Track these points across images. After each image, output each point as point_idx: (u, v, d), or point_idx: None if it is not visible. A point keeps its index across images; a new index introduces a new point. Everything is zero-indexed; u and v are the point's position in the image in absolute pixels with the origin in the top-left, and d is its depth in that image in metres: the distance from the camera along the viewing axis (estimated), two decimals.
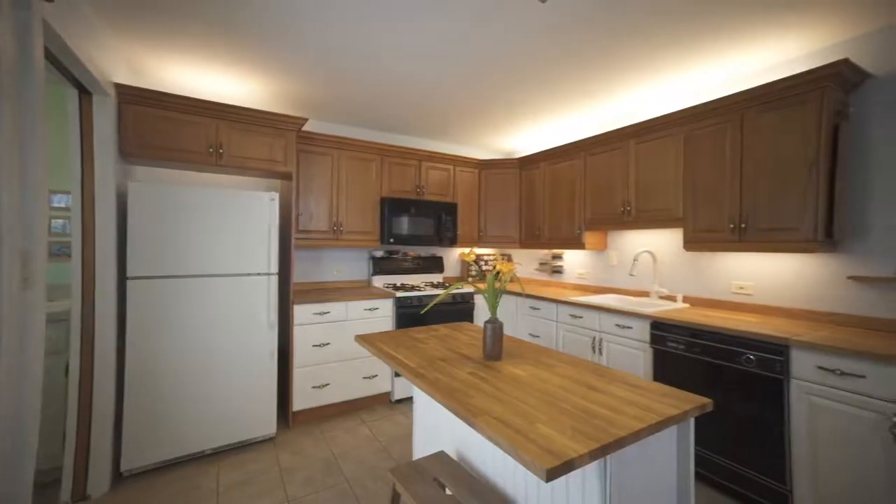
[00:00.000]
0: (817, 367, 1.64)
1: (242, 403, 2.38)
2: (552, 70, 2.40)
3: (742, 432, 1.88)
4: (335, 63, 2.34)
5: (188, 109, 2.34)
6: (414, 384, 1.24)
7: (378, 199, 3.36)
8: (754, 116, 2.09)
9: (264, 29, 1.98)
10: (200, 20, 1.91)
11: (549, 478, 0.73)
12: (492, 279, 1.39)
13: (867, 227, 1.95)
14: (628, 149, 2.76)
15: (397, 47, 2.14)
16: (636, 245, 3.04)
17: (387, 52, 2.20)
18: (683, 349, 2.12)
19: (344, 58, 2.27)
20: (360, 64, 2.35)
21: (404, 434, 2.58)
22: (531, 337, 3.21)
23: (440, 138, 3.98)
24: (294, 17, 1.87)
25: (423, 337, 1.75)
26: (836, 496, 1.59)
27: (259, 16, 1.87)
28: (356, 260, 3.61)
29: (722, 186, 2.23)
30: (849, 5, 1.74)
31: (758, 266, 2.34)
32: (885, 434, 1.47)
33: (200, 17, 1.89)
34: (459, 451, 1.50)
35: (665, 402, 1.05)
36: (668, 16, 1.83)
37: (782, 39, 2.03)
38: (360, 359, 2.93)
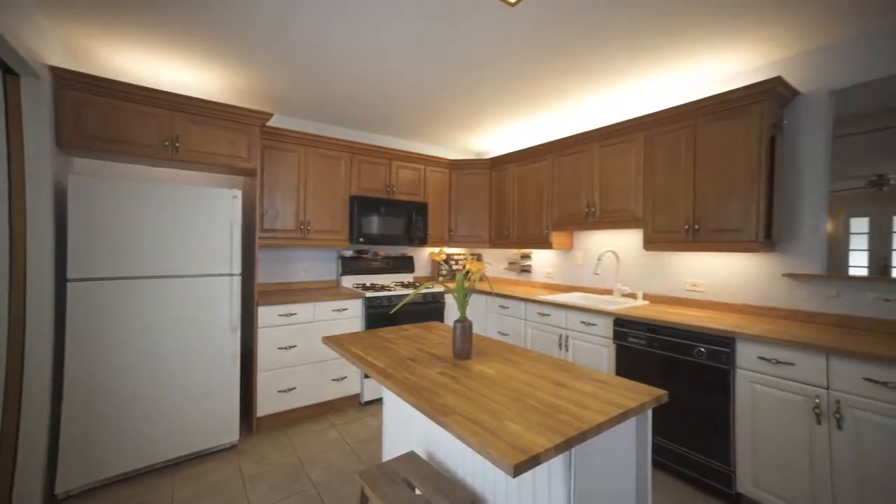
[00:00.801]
0: (758, 358, 1.78)
1: (202, 411, 2.25)
2: (521, 72, 2.44)
3: (693, 420, 2.00)
4: (303, 59, 2.27)
5: (140, 99, 2.18)
6: (383, 385, 1.22)
7: (347, 198, 3.29)
8: (706, 125, 2.23)
9: (227, 20, 1.89)
10: (155, 8, 1.79)
11: (515, 473, 0.75)
12: (461, 279, 1.40)
13: (799, 230, 2.14)
14: (593, 152, 2.86)
15: (369, 45, 2.11)
16: (600, 245, 3.16)
17: (358, 50, 2.16)
18: (643, 344, 2.22)
19: (312, 53, 2.21)
20: (329, 60, 2.29)
21: (374, 436, 2.55)
22: (501, 335, 3.26)
23: (411, 137, 3.96)
24: (258, 9, 1.79)
25: (393, 337, 1.73)
26: (771, 472, 1.72)
27: (221, 7, 1.78)
28: (324, 260, 3.52)
29: (678, 190, 2.36)
30: (786, 25, 1.89)
31: (709, 265, 2.50)
32: (810, 414, 1.62)
33: (154, 5, 1.77)
34: (429, 451, 1.50)
35: (625, 395, 1.10)
36: (631, 26, 1.91)
37: (735, 52, 2.17)
38: (328, 361, 2.86)
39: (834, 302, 2.01)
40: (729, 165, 2.13)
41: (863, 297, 1.92)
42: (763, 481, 1.76)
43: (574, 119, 3.30)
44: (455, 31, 1.98)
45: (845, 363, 1.55)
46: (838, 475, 1.56)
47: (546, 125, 3.48)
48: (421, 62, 2.32)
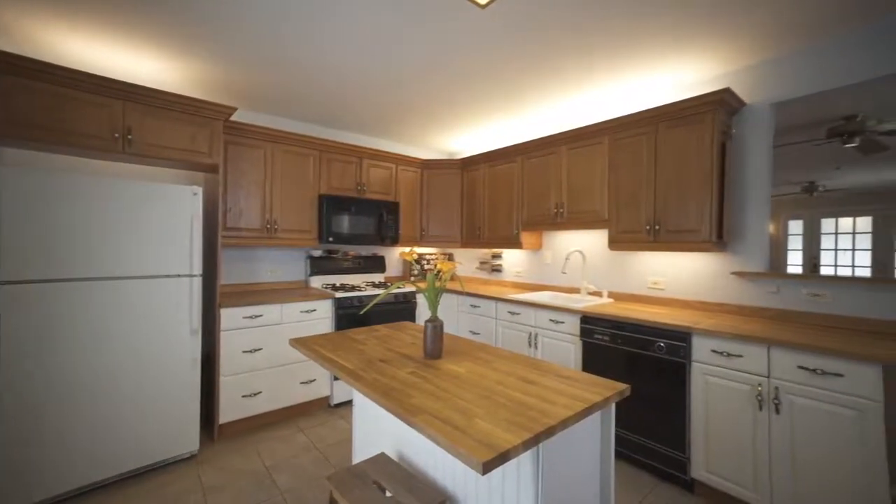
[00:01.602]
0: (711, 351, 1.90)
1: (158, 419, 2.13)
2: (491, 74, 2.48)
3: (653, 411, 2.11)
4: (270, 52, 2.19)
5: (86, 87, 2.03)
6: (352, 387, 1.21)
7: (316, 197, 3.21)
8: (665, 131, 2.35)
9: (190, 10, 1.79)
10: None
11: (485, 470, 0.76)
12: (432, 278, 1.40)
13: (745, 231, 2.30)
14: (561, 154, 2.94)
15: (340, 40, 2.07)
16: (568, 245, 3.26)
17: (328, 45, 2.11)
18: (608, 340, 2.32)
19: (279, 46, 2.13)
20: (297, 55, 2.22)
21: (344, 439, 2.51)
22: (472, 334, 3.29)
23: (383, 136, 3.91)
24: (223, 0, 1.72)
25: (363, 338, 1.71)
26: (721, 457, 1.85)
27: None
28: (292, 260, 3.41)
29: (640, 192, 2.47)
30: (732, 40, 2.03)
31: (668, 264, 2.64)
32: (753, 401, 1.76)
33: None
34: (400, 452, 1.49)
35: (591, 390, 1.14)
36: (596, 34, 1.98)
37: (691, 62, 2.30)
38: (296, 363, 2.78)
39: (774, 297, 2.18)
40: (685, 170, 2.26)
41: (798, 292, 2.10)
42: (714, 466, 1.88)
43: (544, 121, 3.39)
44: (426, 31, 1.98)
45: (783, 353, 1.68)
46: (775, 454, 1.70)
47: (516, 127, 3.55)
48: (392, 61, 2.30)
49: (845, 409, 1.54)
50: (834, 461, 1.56)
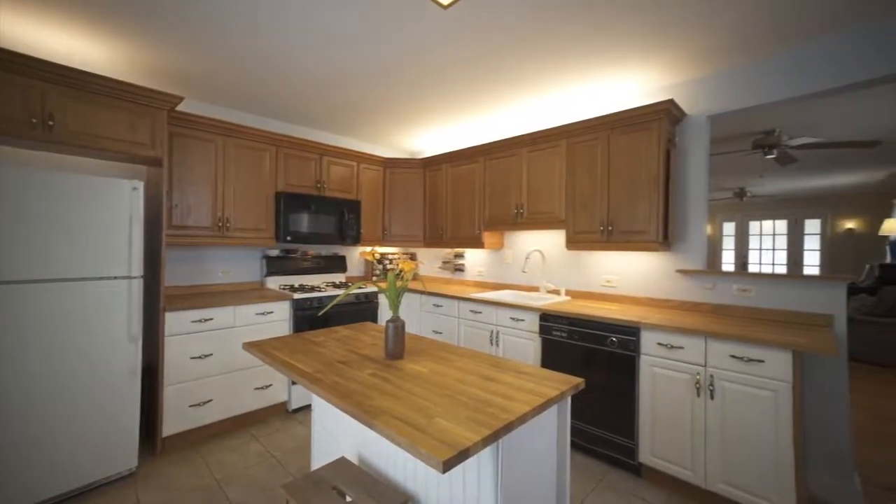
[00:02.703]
0: (657, 344, 2.04)
1: (92, 436, 1.94)
2: (454, 74, 2.50)
3: (605, 402, 2.23)
4: (223, 40, 2.07)
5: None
6: (311, 391, 1.17)
7: (273, 194, 3.08)
8: (617, 136, 2.49)
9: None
10: None
11: (445, 469, 0.77)
12: (393, 278, 1.40)
13: (687, 232, 2.50)
14: (521, 156, 3.03)
15: (299, 35, 1.99)
16: (528, 244, 3.37)
17: (288, 39, 2.03)
18: (565, 337, 2.42)
19: (233, 35, 2.02)
20: (252, 46, 2.11)
21: (303, 445, 2.43)
22: (434, 333, 3.31)
23: (344, 133, 3.82)
24: None
25: (323, 340, 1.67)
26: (664, 441, 2.00)
27: None
28: (247, 260, 3.25)
29: (594, 194, 2.60)
30: (673, 56, 2.19)
31: (620, 263, 2.80)
32: (692, 388, 1.92)
33: None
34: (361, 455, 1.47)
35: (548, 385, 1.19)
36: (553, 41, 2.06)
37: (642, 73, 2.46)
38: (251, 368, 2.65)
39: (711, 293, 2.38)
40: (635, 174, 2.41)
41: (729, 288, 2.31)
42: (658, 450, 2.03)
43: (506, 122, 3.46)
44: (387, 29, 1.96)
45: (717, 344, 1.85)
46: (709, 435, 1.86)
47: (479, 127, 3.60)
48: (352, 57, 2.25)
49: (765, 391, 1.72)
50: (755, 436, 1.74)
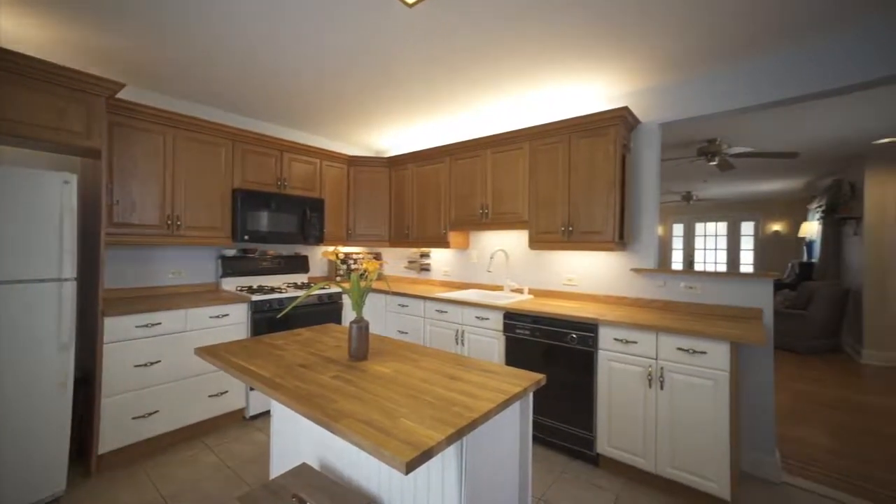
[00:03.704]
0: (614, 339, 2.15)
1: (13, 458, 1.75)
2: (419, 73, 2.49)
3: (566, 397, 2.32)
4: (178, 27, 1.93)
5: None
6: (270, 397, 1.13)
7: (229, 191, 2.93)
8: (577, 140, 2.59)
9: None
10: None
11: (408, 470, 0.77)
12: (356, 278, 1.37)
13: (640, 233, 2.65)
14: (486, 157, 3.08)
15: (259, 25, 1.90)
16: (493, 244, 3.43)
17: (246, 27, 1.93)
18: (528, 334, 2.49)
19: (190, 23, 1.90)
20: (209, 34, 1.99)
21: (261, 453, 2.32)
22: (400, 334, 3.28)
23: (307, 129, 3.70)
24: None
25: (283, 343, 1.61)
26: (619, 431, 2.11)
27: None
28: (201, 260, 3.06)
29: (556, 195, 2.69)
30: (629, 66, 2.32)
31: (580, 262, 2.92)
32: (645, 380, 2.04)
33: None
34: (323, 460, 1.44)
35: (511, 382, 1.22)
36: (517, 45, 2.11)
37: (600, 80, 2.57)
38: (204, 375, 2.50)
39: (661, 290, 2.54)
40: (594, 177, 2.52)
41: (678, 285, 2.48)
42: (614, 440, 2.14)
43: (472, 123, 3.50)
44: (352, 24, 1.93)
45: (667, 338, 1.98)
46: (659, 424, 1.99)
47: (445, 127, 3.62)
48: (317, 51, 2.19)
49: (707, 380, 1.86)
50: (698, 422, 1.88)
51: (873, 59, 1.92)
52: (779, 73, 2.17)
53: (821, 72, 2.05)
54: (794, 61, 2.12)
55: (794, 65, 2.13)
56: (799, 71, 2.11)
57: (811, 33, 1.95)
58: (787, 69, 2.15)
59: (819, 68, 2.06)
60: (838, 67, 2.01)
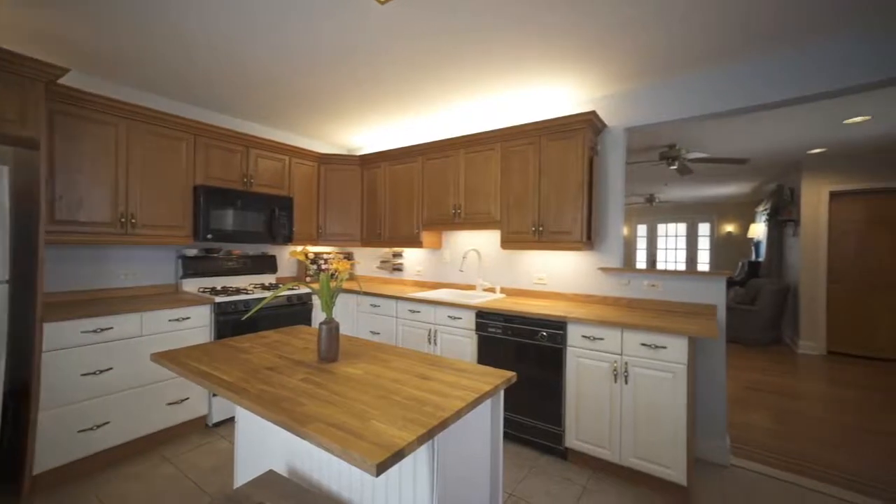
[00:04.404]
0: (582, 336, 2.22)
1: None
2: (391, 71, 2.47)
3: (536, 393, 2.37)
4: (127, 9, 1.81)
5: None
6: (234, 402, 1.08)
7: (191, 188, 2.78)
8: (547, 143, 2.66)
9: None
10: None
11: (378, 472, 0.76)
12: (325, 279, 1.34)
13: (607, 233, 2.75)
14: (459, 157, 3.09)
15: (224, 11, 1.82)
16: (465, 244, 3.45)
17: (210, 15, 1.84)
18: (500, 333, 2.52)
19: (143, 5, 1.78)
20: (165, 20, 1.88)
21: (225, 462, 2.23)
22: (372, 334, 3.24)
23: (275, 125, 3.58)
24: None
25: (248, 346, 1.55)
26: (587, 425, 2.18)
27: None
28: (159, 260, 2.89)
29: (527, 196, 2.75)
30: (595, 72, 2.40)
31: (550, 262, 2.99)
32: (610, 375, 2.12)
33: None
34: (291, 466, 1.40)
35: (482, 380, 1.23)
36: (489, 45, 2.14)
37: (568, 84, 2.64)
38: (162, 382, 2.36)
39: (627, 288, 2.65)
40: (563, 179, 2.59)
41: (642, 284, 2.59)
42: (582, 434, 2.21)
43: (445, 123, 3.51)
44: (322, 17, 1.88)
45: (631, 334, 2.07)
46: (624, 417, 2.07)
47: (419, 126, 3.60)
48: (286, 43, 2.12)
49: (667, 374, 1.96)
50: (659, 414, 1.98)
51: (812, 77, 2.09)
52: (729, 85, 2.32)
53: (765, 86, 2.21)
54: (742, 75, 2.28)
55: (742, 78, 2.28)
56: (747, 84, 2.27)
57: (759, 50, 2.09)
58: (736, 82, 2.30)
59: (764, 83, 2.21)
60: (781, 83, 2.18)
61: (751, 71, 2.25)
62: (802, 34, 1.96)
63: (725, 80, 2.33)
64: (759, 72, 2.23)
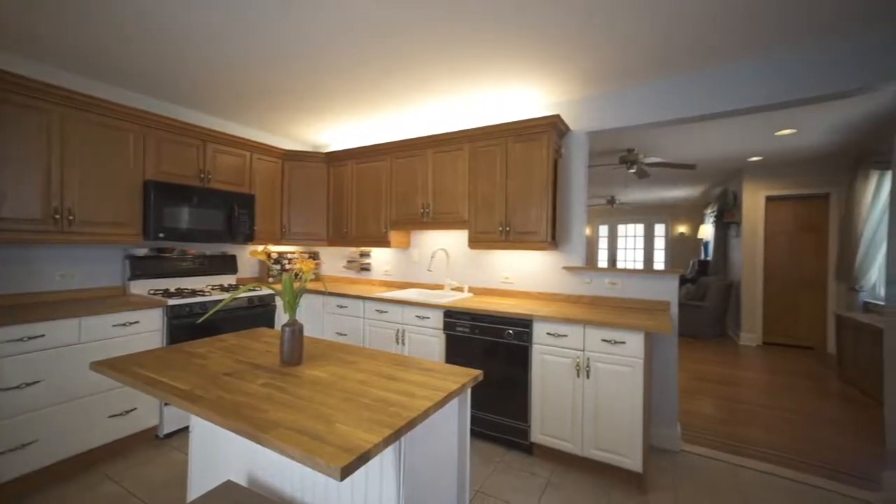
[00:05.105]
0: (547, 333, 2.29)
1: None
2: (354, 67, 2.42)
3: (502, 390, 2.41)
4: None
5: None
6: (188, 411, 1.02)
7: (140, 183, 2.59)
8: (513, 144, 2.71)
9: None
10: None
11: (343, 476, 0.74)
12: (288, 279, 1.30)
13: (570, 233, 2.85)
14: (427, 157, 3.09)
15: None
16: (434, 243, 3.45)
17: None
18: (468, 332, 2.54)
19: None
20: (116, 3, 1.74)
21: (178, 475, 2.09)
22: (338, 336, 3.17)
23: (236, 119, 3.41)
24: None
25: (205, 351, 1.46)
26: (551, 420, 2.25)
27: None
28: (102, 261, 2.67)
29: (494, 197, 2.79)
30: (558, 78, 2.48)
31: (517, 261, 3.05)
32: (573, 370, 2.20)
33: None
34: (252, 474, 1.34)
35: (450, 379, 1.23)
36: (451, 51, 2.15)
37: (535, 88, 2.71)
38: (104, 393, 2.19)
39: (589, 286, 2.76)
40: (529, 180, 2.65)
41: (603, 282, 2.71)
42: (547, 428, 2.28)
43: (414, 122, 3.48)
44: (282, 7, 1.81)
45: (593, 330, 2.15)
46: (586, 409, 2.16)
47: (387, 125, 3.56)
48: (245, 31, 2.02)
49: (625, 367, 2.06)
50: (617, 406, 2.07)
51: (747, 92, 2.27)
52: (678, 95, 2.47)
53: (708, 97, 2.38)
54: (690, 86, 2.43)
55: (690, 89, 2.43)
56: (693, 95, 2.42)
57: (702, 64, 2.25)
58: (684, 93, 2.45)
59: (708, 94, 2.38)
60: (721, 95, 2.35)
61: (696, 83, 2.41)
62: (738, 52, 2.13)
63: (676, 90, 2.48)
64: (704, 84, 2.39)
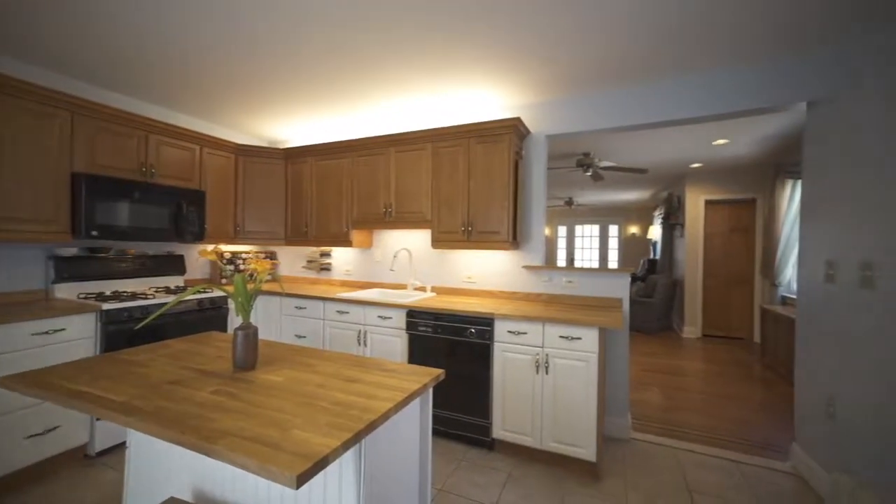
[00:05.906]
0: (507, 331, 2.34)
1: None
2: (320, 63, 2.35)
3: (465, 389, 2.44)
4: None
5: None
6: (123, 425, 0.94)
7: (67, 176, 2.35)
8: (475, 145, 2.74)
9: None
10: None
11: (299, 484, 0.72)
12: (240, 280, 1.23)
13: (531, 233, 2.94)
14: (389, 156, 3.05)
15: None
16: (397, 243, 3.42)
17: None
18: (431, 331, 2.55)
19: None
20: None
21: (110, 496, 1.92)
22: (297, 338, 3.06)
23: (185, 111, 3.18)
24: None
25: (147, 358, 1.35)
26: (512, 415, 2.31)
27: None
28: (19, 262, 2.39)
29: (457, 197, 2.81)
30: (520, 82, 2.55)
31: (479, 260, 3.10)
32: (533, 367, 2.27)
33: None
34: (198, 489, 1.25)
35: (411, 379, 1.23)
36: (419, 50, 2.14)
37: (497, 90, 2.75)
38: (20, 410, 1.96)
39: (548, 285, 2.85)
40: (491, 180, 2.69)
41: (561, 281, 2.82)
42: (507, 424, 2.33)
43: (375, 120, 3.42)
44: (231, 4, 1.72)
45: (551, 327, 2.23)
46: (544, 404, 2.23)
47: (349, 122, 3.47)
48: (198, 19, 1.89)
49: (581, 362, 2.16)
50: (574, 399, 2.16)
51: (685, 103, 2.46)
52: (629, 103, 2.62)
53: (657, 106, 2.55)
54: (639, 95, 2.59)
55: (639, 98, 2.59)
56: (641, 104, 2.59)
57: (649, 77, 2.40)
58: (634, 101, 2.61)
59: (656, 103, 2.55)
60: (659, 107, 2.53)
61: (644, 94, 2.58)
62: (676, 70, 2.34)
63: (626, 99, 2.63)
64: (650, 95, 2.56)
